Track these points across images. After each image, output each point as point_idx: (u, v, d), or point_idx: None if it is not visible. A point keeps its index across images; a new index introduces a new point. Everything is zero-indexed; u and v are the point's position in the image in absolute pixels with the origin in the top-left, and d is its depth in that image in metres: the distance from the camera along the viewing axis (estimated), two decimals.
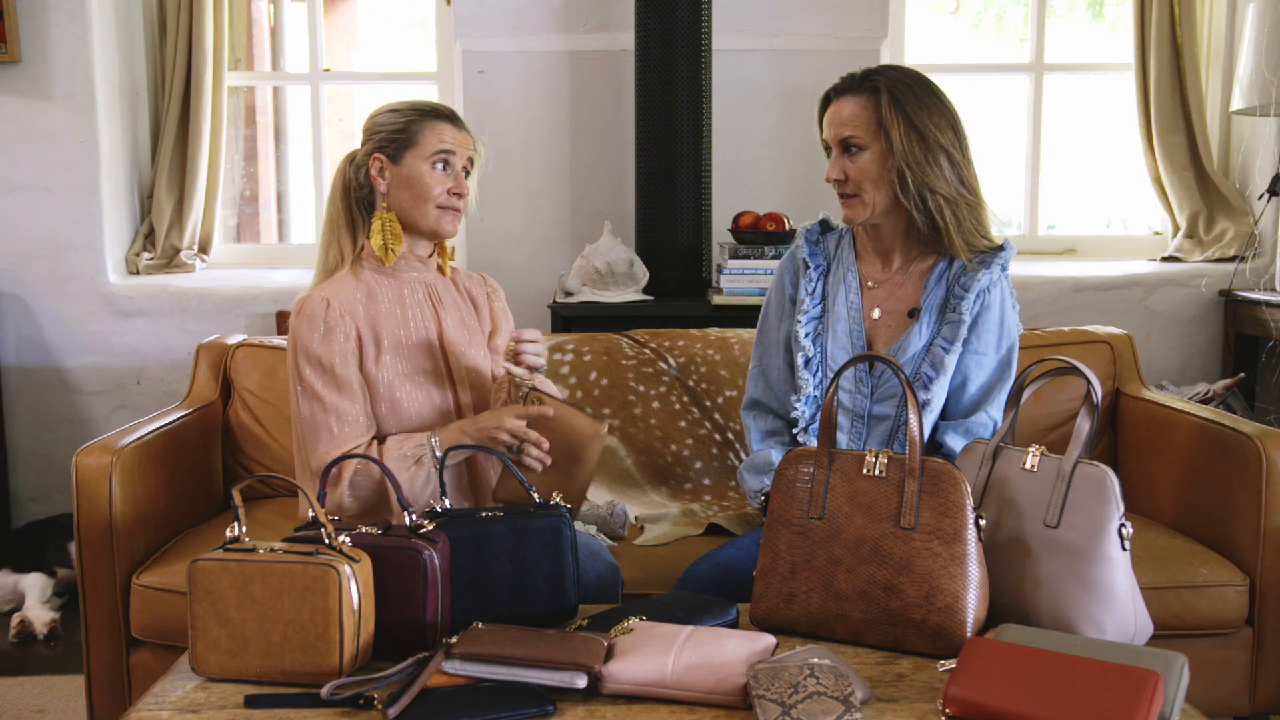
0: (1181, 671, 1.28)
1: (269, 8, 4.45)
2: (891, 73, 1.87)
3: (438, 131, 1.86)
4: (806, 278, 1.98)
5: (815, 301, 1.96)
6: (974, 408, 1.89)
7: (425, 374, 1.88)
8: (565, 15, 3.59)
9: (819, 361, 1.93)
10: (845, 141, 1.86)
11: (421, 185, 1.85)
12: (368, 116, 1.93)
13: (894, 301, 1.92)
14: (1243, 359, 3.46)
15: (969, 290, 1.85)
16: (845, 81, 1.90)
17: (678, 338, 2.69)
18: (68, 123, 3.48)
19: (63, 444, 3.55)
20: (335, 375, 1.79)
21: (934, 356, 1.86)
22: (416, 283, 1.93)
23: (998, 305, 1.88)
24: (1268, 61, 3.16)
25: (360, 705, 1.33)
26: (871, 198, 1.86)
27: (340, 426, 1.78)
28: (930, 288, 1.90)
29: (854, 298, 1.94)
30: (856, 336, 1.92)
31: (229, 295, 3.57)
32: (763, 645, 1.39)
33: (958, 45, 4.81)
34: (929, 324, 1.88)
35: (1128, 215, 4.14)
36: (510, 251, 3.65)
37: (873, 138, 1.84)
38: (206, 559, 1.42)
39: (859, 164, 1.85)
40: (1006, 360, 1.90)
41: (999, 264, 1.87)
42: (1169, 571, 2.09)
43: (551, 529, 1.58)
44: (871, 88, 1.85)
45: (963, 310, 1.85)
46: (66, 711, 2.50)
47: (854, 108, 1.86)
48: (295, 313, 1.84)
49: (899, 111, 1.82)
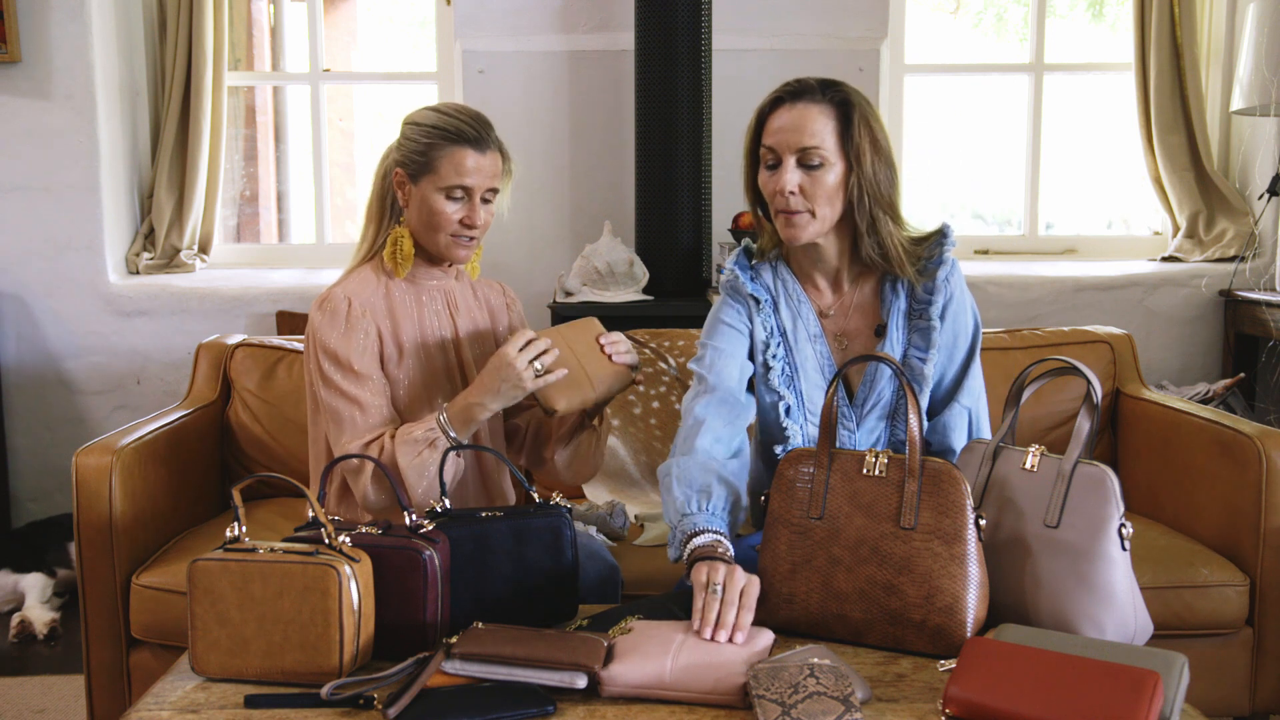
0: (1181, 671, 1.28)
1: (269, 8, 4.45)
2: (848, 87, 1.72)
3: (455, 161, 1.78)
4: (763, 314, 1.79)
5: (778, 342, 1.78)
6: (948, 399, 1.78)
7: (440, 381, 1.87)
8: (565, 15, 3.59)
9: (799, 406, 1.77)
10: (805, 152, 1.68)
11: (434, 214, 1.80)
12: (406, 115, 1.87)
13: (855, 324, 1.79)
14: (1243, 359, 3.46)
15: (932, 292, 1.74)
16: (800, 87, 1.71)
17: (678, 338, 2.69)
18: (68, 123, 3.48)
19: (63, 444, 3.55)
20: (355, 368, 1.79)
21: (911, 370, 1.75)
22: (436, 290, 1.92)
23: (959, 292, 1.77)
24: (1268, 61, 3.16)
25: (360, 705, 1.33)
26: (823, 215, 1.70)
27: (364, 416, 1.78)
28: (889, 299, 1.76)
29: (814, 330, 1.78)
30: (829, 371, 1.77)
31: (229, 295, 3.57)
32: (761, 645, 1.40)
33: (958, 45, 4.81)
34: (899, 339, 1.76)
35: (1128, 215, 4.14)
36: (510, 251, 3.65)
37: (838, 156, 1.68)
38: (206, 559, 1.42)
39: (818, 178, 1.68)
40: (972, 345, 1.79)
41: (945, 249, 1.76)
42: (1169, 571, 2.09)
43: (551, 529, 1.58)
44: (839, 101, 1.69)
45: (931, 314, 1.74)
46: (66, 711, 2.50)
47: (820, 119, 1.68)
48: (317, 306, 1.83)
49: (865, 127, 1.68)
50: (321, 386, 1.80)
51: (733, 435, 1.75)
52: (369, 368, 1.80)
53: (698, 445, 1.70)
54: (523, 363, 1.72)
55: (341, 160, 5.30)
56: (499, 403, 1.75)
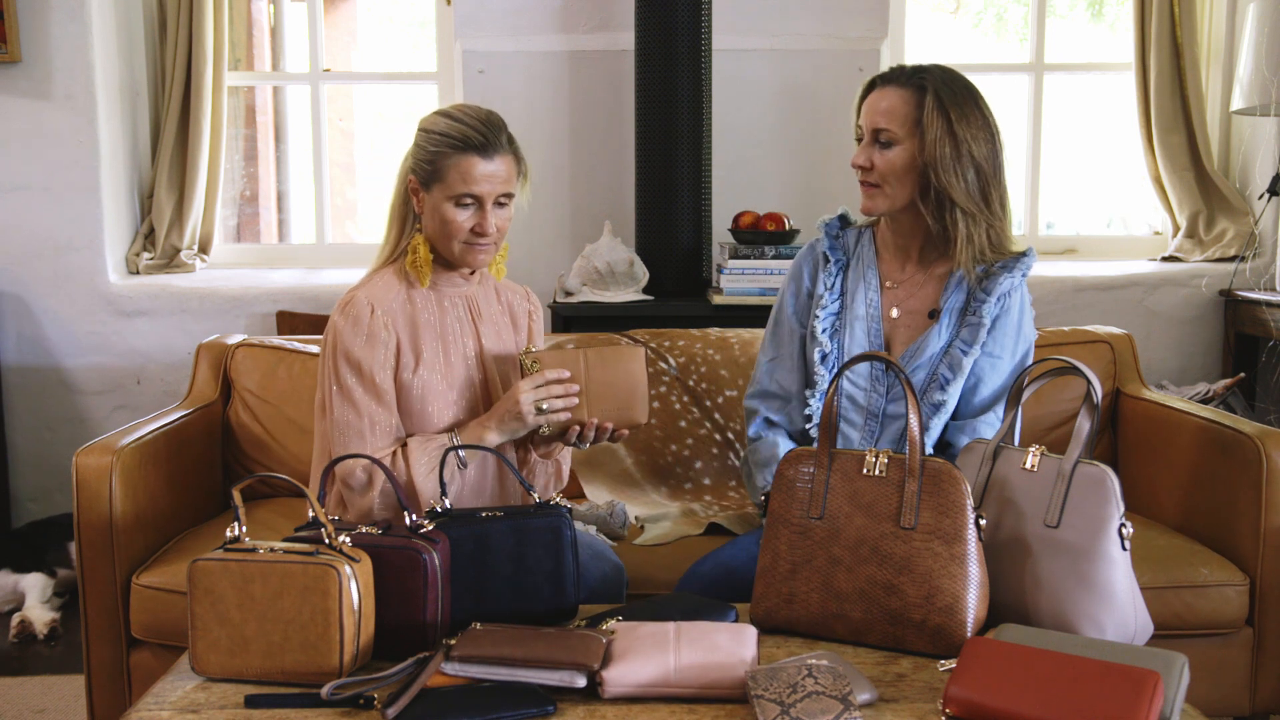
0: (1181, 671, 1.28)
1: (269, 8, 4.45)
2: (940, 74, 1.84)
3: (463, 170, 1.77)
4: (826, 272, 1.95)
5: (834, 297, 1.94)
6: (984, 409, 1.88)
7: (461, 388, 1.86)
8: (565, 15, 3.59)
9: (836, 358, 1.91)
10: (878, 132, 1.83)
11: (445, 222, 1.80)
12: (421, 119, 1.86)
13: (914, 302, 1.92)
14: (1243, 359, 3.46)
15: (990, 294, 1.84)
16: (894, 72, 1.86)
17: (678, 338, 2.69)
18: (68, 123, 3.48)
19: (63, 444, 3.55)
20: (375, 382, 1.77)
21: (952, 359, 1.85)
22: (458, 296, 1.90)
23: (1016, 310, 1.88)
24: (1268, 61, 3.16)
25: (360, 705, 1.33)
26: (893, 192, 1.84)
27: (373, 434, 1.77)
28: (950, 290, 1.88)
29: (874, 296, 1.93)
30: (875, 335, 1.91)
31: (229, 295, 3.57)
32: (748, 634, 1.41)
33: (958, 45, 4.81)
34: (949, 326, 1.87)
35: (1128, 215, 4.14)
36: (510, 251, 3.64)
37: (907, 134, 1.81)
38: (207, 559, 1.42)
39: (887, 157, 1.83)
40: (1022, 365, 1.89)
41: (1021, 269, 1.86)
42: (1169, 571, 2.09)
43: (551, 529, 1.58)
44: (918, 84, 1.82)
45: (983, 314, 1.84)
46: (66, 711, 2.50)
47: (895, 100, 1.82)
48: (339, 309, 1.81)
49: (941, 114, 1.79)
50: (336, 392, 1.78)
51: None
52: (387, 382, 1.79)
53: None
54: (528, 402, 1.77)
55: (341, 160, 5.30)
56: (501, 435, 1.79)
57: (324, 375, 1.82)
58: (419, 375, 1.82)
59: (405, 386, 1.82)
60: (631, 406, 1.82)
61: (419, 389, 1.82)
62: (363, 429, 1.77)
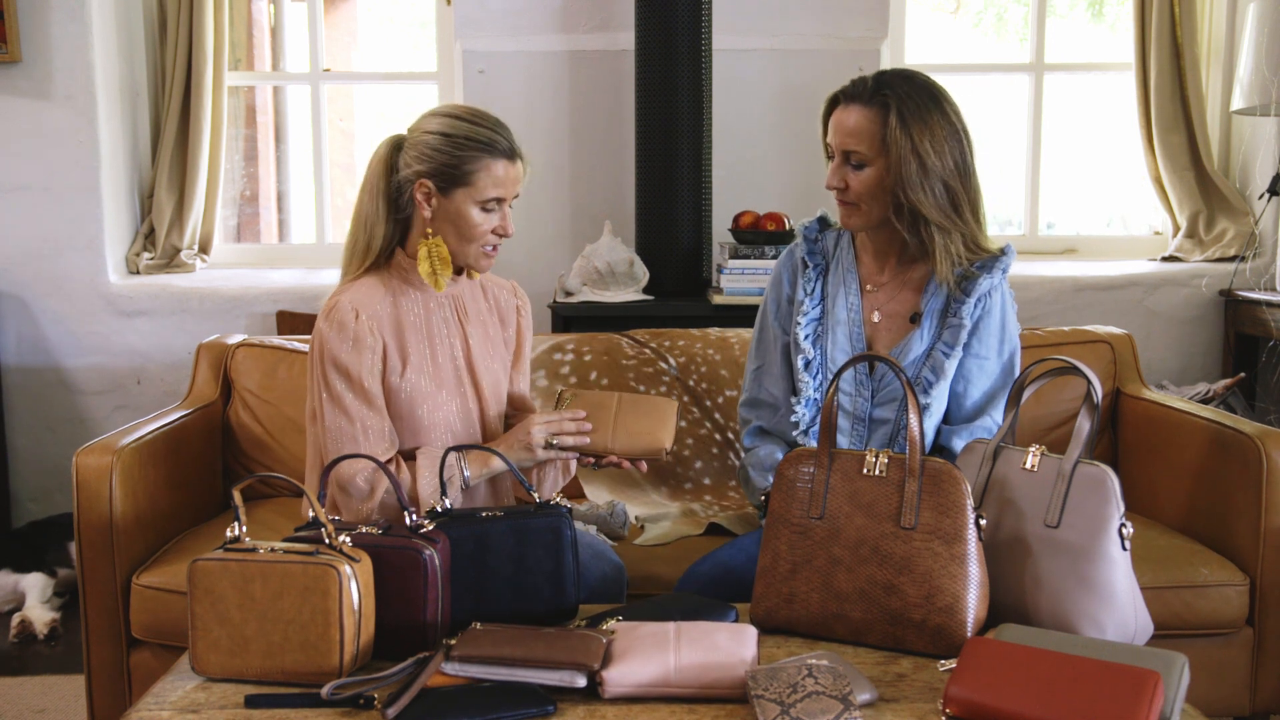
0: (1181, 671, 1.28)
1: (269, 8, 4.45)
2: (902, 87, 1.81)
3: (495, 174, 1.77)
4: (805, 277, 1.96)
5: (815, 302, 1.95)
6: (978, 412, 1.88)
7: (449, 389, 1.86)
8: (565, 15, 3.59)
9: (819, 364, 1.92)
10: (849, 154, 1.84)
11: (468, 226, 1.78)
12: (420, 120, 1.82)
13: (894, 305, 1.92)
14: (1243, 359, 3.46)
15: (969, 295, 1.84)
16: (856, 87, 1.85)
17: (678, 337, 2.69)
18: (68, 123, 3.48)
19: (63, 444, 3.55)
20: (364, 387, 1.77)
21: (934, 361, 1.85)
22: (443, 296, 1.88)
23: (998, 309, 1.88)
24: (1268, 61, 3.16)
25: (360, 705, 1.33)
26: (869, 209, 1.85)
27: (366, 438, 1.76)
28: (930, 293, 1.89)
29: (854, 300, 1.93)
30: (856, 339, 1.91)
31: (229, 295, 3.57)
32: (748, 634, 1.40)
33: (958, 45, 4.81)
34: (930, 329, 1.87)
35: (1128, 215, 4.14)
36: (510, 251, 3.62)
37: (876, 154, 1.81)
38: (207, 559, 1.42)
39: (860, 178, 1.83)
40: (1009, 365, 1.90)
41: (1000, 268, 1.86)
42: (1169, 571, 2.09)
43: (552, 529, 1.58)
44: (881, 102, 1.80)
45: (963, 315, 1.85)
46: (66, 711, 2.50)
47: (860, 119, 1.82)
48: (323, 316, 1.79)
49: (904, 133, 1.78)
50: (326, 399, 1.77)
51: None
52: (376, 386, 1.79)
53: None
54: (539, 434, 1.80)
55: (342, 160, 5.30)
56: (509, 460, 1.78)
57: (313, 383, 1.81)
58: (406, 379, 1.81)
59: (394, 390, 1.80)
60: (652, 447, 1.83)
61: (407, 392, 1.81)
62: (355, 434, 1.76)
